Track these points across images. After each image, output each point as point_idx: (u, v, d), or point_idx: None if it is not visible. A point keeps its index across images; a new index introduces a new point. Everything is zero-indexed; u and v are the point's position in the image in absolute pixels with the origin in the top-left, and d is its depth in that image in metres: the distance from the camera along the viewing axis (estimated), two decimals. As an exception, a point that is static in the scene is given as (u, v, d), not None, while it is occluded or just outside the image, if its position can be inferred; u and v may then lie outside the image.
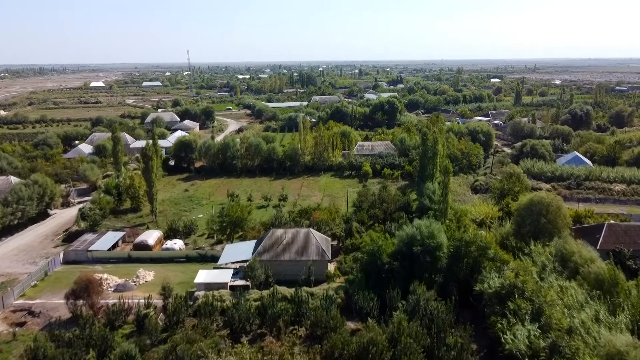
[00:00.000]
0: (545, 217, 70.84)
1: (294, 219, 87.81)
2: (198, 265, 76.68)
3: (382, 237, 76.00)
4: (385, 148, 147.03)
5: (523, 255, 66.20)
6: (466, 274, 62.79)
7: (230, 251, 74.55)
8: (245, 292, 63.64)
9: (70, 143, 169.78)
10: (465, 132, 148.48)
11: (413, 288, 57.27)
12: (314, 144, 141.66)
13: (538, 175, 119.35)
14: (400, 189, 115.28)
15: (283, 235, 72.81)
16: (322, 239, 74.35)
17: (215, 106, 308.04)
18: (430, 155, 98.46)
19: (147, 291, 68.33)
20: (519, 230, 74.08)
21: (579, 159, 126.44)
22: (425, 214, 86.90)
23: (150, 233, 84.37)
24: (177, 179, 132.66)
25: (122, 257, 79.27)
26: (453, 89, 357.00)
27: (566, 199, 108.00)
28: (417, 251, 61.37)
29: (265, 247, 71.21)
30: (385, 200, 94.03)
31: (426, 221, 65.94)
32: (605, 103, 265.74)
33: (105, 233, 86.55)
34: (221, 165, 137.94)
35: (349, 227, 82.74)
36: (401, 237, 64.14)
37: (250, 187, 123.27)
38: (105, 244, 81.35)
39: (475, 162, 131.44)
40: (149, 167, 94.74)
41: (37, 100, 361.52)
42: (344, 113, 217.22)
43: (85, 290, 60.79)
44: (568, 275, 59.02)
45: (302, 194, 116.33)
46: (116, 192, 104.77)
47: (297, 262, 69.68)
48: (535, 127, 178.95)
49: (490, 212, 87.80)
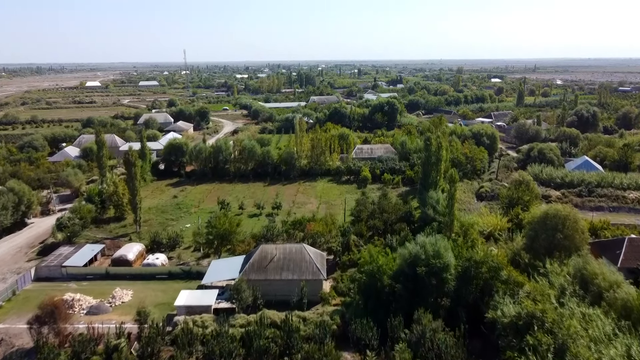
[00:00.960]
0: (561, 232, 64.44)
1: (287, 230, 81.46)
2: (181, 283, 70.36)
3: (382, 252, 69.90)
4: (385, 151, 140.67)
5: (538, 275, 59.93)
6: (476, 297, 56.49)
7: (216, 268, 68.08)
8: (230, 316, 57.33)
9: (58, 145, 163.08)
10: (468, 135, 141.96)
11: (418, 316, 50.92)
12: (310, 147, 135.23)
13: (547, 182, 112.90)
14: (401, 196, 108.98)
15: (273, 251, 66.34)
16: (317, 255, 67.92)
17: (212, 106, 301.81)
18: (433, 161, 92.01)
19: (123, 314, 62.00)
20: (532, 245, 67.76)
21: (589, 164, 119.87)
22: (429, 225, 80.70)
23: (131, 247, 77.82)
24: (166, 184, 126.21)
25: (99, 274, 72.76)
26: (454, 89, 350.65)
27: (578, 207, 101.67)
28: (422, 273, 54.98)
29: (254, 265, 64.77)
30: (385, 209, 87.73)
31: (431, 238, 59.53)
32: (610, 104, 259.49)
33: (83, 246, 79.99)
34: (213, 169, 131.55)
35: (346, 240, 76.36)
36: (404, 256, 57.74)
37: (243, 193, 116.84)
38: (82, 258, 74.83)
39: (480, 167, 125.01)
40: (132, 174, 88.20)
41: (30, 100, 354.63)
42: (342, 114, 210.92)
43: (50, 315, 54.33)
44: (591, 300, 52.63)
45: (298, 201, 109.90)
46: (99, 200, 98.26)
47: (289, 281, 63.27)
48: (540, 129, 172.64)
49: (499, 223, 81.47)
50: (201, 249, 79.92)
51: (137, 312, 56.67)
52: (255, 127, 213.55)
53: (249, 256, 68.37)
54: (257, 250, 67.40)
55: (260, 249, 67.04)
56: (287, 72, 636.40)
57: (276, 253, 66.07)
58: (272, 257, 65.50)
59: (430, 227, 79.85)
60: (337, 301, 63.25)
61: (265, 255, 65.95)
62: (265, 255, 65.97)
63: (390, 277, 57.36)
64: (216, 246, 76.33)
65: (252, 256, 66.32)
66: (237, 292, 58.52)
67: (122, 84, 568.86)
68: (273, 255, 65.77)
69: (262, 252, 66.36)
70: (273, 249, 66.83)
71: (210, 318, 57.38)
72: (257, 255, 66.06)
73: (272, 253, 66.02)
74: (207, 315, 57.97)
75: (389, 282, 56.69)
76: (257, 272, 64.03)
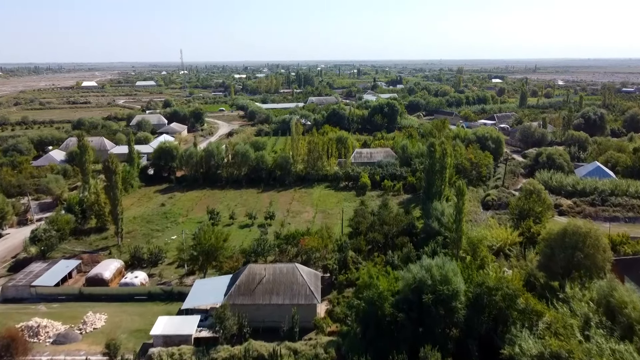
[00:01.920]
0: (581, 251, 58.13)
1: (280, 245, 75.01)
2: (161, 306, 64.04)
3: (382, 272, 63.72)
4: (385, 156, 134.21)
5: (557, 301, 53.63)
6: (489, 328, 50.19)
7: (199, 289, 61.63)
8: (212, 348, 50.96)
9: (44, 148, 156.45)
10: (472, 139, 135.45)
11: (424, 354, 44.49)
12: (307, 151, 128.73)
13: (557, 189, 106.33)
14: (403, 205, 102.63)
15: (262, 272, 59.87)
16: (310, 276, 61.49)
17: (208, 107, 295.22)
18: (438, 169, 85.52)
19: (93, 343, 55.59)
20: (547, 264, 61.44)
21: (601, 170, 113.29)
22: (433, 240, 74.42)
23: (108, 264, 71.27)
24: (155, 190, 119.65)
25: (71, 294, 66.33)
26: (454, 90, 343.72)
27: (591, 217, 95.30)
28: (428, 301, 48.62)
29: (241, 288, 58.34)
30: (385, 221, 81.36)
31: (438, 259, 53.18)
32: (615, 105, 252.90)
33: (57, 262, 73.54)
34: (204, 175, 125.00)
35: (343, 257, 69.92)
36: (407, 281, 51.37)
37: (234, 200, 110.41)
38: (54, 276, 68.38)
39: (486, 173, 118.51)
40: (113, 182, 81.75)
41: (23, 101, 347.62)
42: (341, 116, 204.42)
43: (6, 349, 48.12)
44: (620, 334, 46.30)
45: (293, 209, 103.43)
46: (79, 209, 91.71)
47: (279, 306, 56.91)
48: (546, 132, 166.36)
49: (509, 237, 75.05)
50: (185, 265, 73.46)
51: (107, 344, 50.24)
52: (251, 129, 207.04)
53: (235, 276, 61.97)
54: (244, 270, 60.92)
55: (247, 269, 60.56)
56: (286, 72, 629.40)
57: (265, 274, 59.62)
58: (261, 278, 59.08)
59: (435, 242, 73.62)
60: (332, 328, 56.88)
61: (253, 277, 59.50)
62: (253, 277, 59.52)
63: (392, 304, 51.00)
64: (201, 263, 69.85)
65: (239, 277, 59.88)
66: (220, 321, 52.05)
67: (119, 84, 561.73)
68: (262, 276, 59.33)
69: (250, 273, 59.90)
70: (262, 269, 60.35)
71: (190, 350, 51.09)
72: (244, 276, 59.60)
73: (261, 274, 59.56)
74: (186, 347, 51.64)
75: (391, 310, 50.33)
76: (244, 296, 57.62)
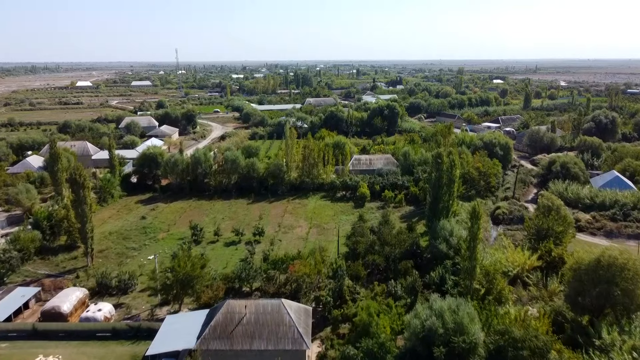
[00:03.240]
0: (618, 286, 49.34)
1: (266, 270, 66.04)
2: (127, 345, 55.13)
3: (383, 305, 55.58)
4: (385, 163, 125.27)
5: (594, 350, 44.88)
6: (513, 387, 41.34)
7: (170, 329, 52.63)
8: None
9: (23, 153, 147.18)
10: (479, 145, 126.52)
11: None
12: (302, 157, 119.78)
13: (573, 202, 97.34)
14: (405, 219, 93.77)
15: (243, 309, 50.89)
16: (300, 313, 52.55)
17: (203, 108, 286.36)
18: (445, 182, 76.55)
19: (40, 397, 46.71)
20: (576, 299, 52.66)
21: (620, 180, 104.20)
22: (441, 265, 65.73)
23: (68, 293, 62.11)
24: (137, 200, 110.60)
25: (24, 331, 57.27)
26: (456, 91, 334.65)
27: (612, 235, 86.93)
28: (440, 355, 39.82)
29: (217, 329, 49.40)
30: (387, 241, 72.51)
31: (451, 301, 44.36)
32: (623, 107, 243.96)
33: (12, 290, 64.58)
34: (191, 183, 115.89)
35: (338, 286, 61.04)
36: (414, 329, 42.57)
37: (222, 212, 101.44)
38: (5, 309, 59.38)
39: (495, 183, 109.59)
40: (81, 197, 72.63)
41: (14, 101, 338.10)
42: (339, 118, 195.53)
43: None
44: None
45: (284, 223, 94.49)
46: (47, 225, 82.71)
47: (261, 352, 48.07)
48: (555, 136, 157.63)
49: (527, 262, 66.23)
50: (159, 295, 64.51)
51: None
52: (245, 132, 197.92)
53: (212, 312, 53.05)
54: (221, 306, 51.92)
55: (225, 306, 51.52)
56: (284, 72, 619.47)
57: (246, 312, 50.66)
58: (241, 318, 50.13)
59: (443, 267, 65.02)
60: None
61: (232, 315, 50.55)
62: (231, 315, 50.56)
63: (396, 356, 42.21)
64: (175, 293, 60.90)
65: (215, 315, 50.93)
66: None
67: (114, 84, 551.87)
68: (242, 315, 50.38)
69: (228, 311, 50.91)
70: (242, 306, 51.30)
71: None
72: (222, 314, 50.64)
73: (241, 312, 50.59)
74: (147, 408, 42.68)
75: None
76: (220, 339, 48.70)
